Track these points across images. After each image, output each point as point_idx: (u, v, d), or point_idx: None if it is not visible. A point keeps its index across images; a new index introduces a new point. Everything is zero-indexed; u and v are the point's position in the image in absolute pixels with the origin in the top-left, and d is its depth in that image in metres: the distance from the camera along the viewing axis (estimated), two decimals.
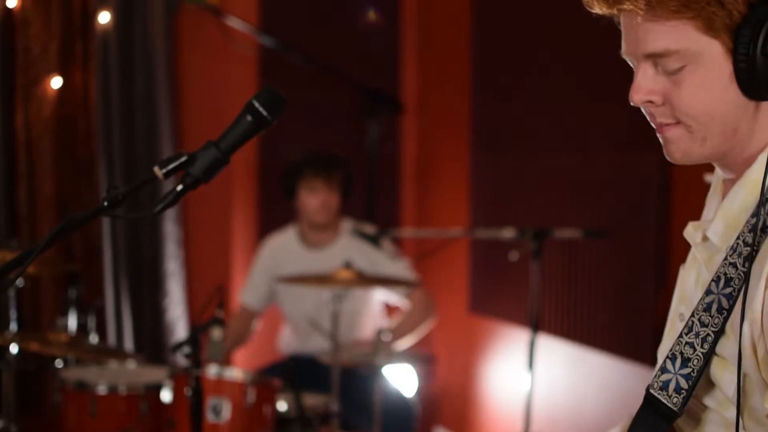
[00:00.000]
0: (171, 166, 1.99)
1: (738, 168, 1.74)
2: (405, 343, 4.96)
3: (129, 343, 5.87)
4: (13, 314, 4.93)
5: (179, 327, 5.87)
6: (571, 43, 4.83)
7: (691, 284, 1.82)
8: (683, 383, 1.69)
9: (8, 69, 5.64)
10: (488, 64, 5.53)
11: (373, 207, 5.71)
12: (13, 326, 4.92)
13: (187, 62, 5.91)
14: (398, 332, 4.90)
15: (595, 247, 4.60)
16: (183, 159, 1.99)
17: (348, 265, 4.23)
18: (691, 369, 1.68)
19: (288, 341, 5.27)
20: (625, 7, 1.68)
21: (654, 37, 1.66)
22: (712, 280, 1.68)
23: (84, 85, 5.82)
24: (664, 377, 1.71)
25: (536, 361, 4.32)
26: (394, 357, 4.42)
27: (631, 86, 1.74)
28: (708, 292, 1.68)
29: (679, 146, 1.72)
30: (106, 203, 1.95)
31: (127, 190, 1.98)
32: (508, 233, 4.36)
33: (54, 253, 5.34)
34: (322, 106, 6.00)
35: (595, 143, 4.63)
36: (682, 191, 4.26)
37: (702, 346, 1.67)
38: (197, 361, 3.65)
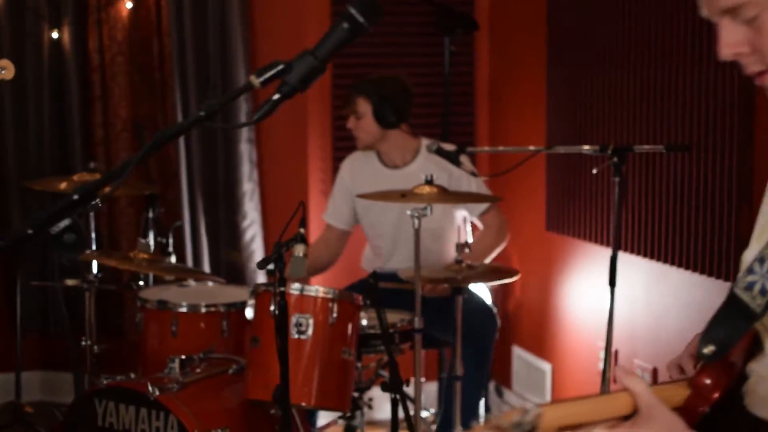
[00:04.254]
0: (268, 74, 1.98)
1: None
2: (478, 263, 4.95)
3: (206, 265, 5.91)
4: (92, 235, 4.99)
5: (256, 248, 5.90)
6: None
7: None
8: None
9: None
10: None
11: (448, 126, 5.67)
12: (93, 246, 4.97)
13: None
14: (472, 255, 4.88)
15: (677, 163, 4.55)
16: (280, 67, 1.98)
17: (429, 181, 4.20)
18: None
19: (370, 260, 5.28)
20: None
21: None
22: None
23: (157, 7, 5.82)
24: (750, 278, 1.72)
25: (617, 278, 4.27)
26: (475, 275, 4.40)
27: (718, 43, 1.75)
28: None
29: None
30: (203, 113, 1.94)
31: (225, 100, 1.98)
32: (588, 149, 4.30)
33: (131, 176, 5.38)
34: (397, 23, 5.97)
35: (676, 57, 4.55)
36: (766, 106, 4.19)
37: None
38: (282, 278, 3.65)
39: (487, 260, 5.03)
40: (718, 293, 4.38)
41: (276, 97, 1.99)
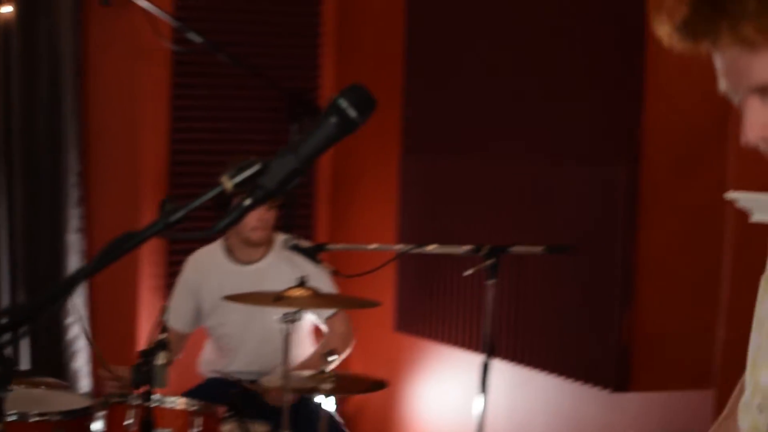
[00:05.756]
0: (242, 176, 1.69)
1: None
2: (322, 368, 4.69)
3: (25, 364, 5.47)
4: None
5: (79, 347, 5.50)
6: (530, 36, 4.67)
7: None
8: None
9: None
10: (425, 61, 5.33)
11: (289, 219, 5.40)
12: None
13: (97, 62, 5.55)
14: (313, 361, 4.62)
15: (549, 264, 4.42)
16: (256, 168, 1.68)
17: (302, 284, 3.91)
18: None
19: (210, 362, 4.92)
20: (712, 44, 1.47)
21: (759, 67, 1.46)
22: None
23: None
24: None
25: (486, 385, 4.07)
26: (336, 382, 4.13)
27: (743, 124, 1.50)
28: None
29: None
30: (167, 221, 1.64)
31: (191, 206, 1.68)
32: (460, 249, 4.11)
33: None
34: (243, 108, 5.75)
35: (557, 154, 4.45)
36: (650, 206, 4.11)
37: None
38: (149, 390, 3.32)
39: (330, 367, 4.76)
40: (591, 401, 4.29)
41: (248, 203, 1.70)
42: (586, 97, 4.33)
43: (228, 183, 1.68)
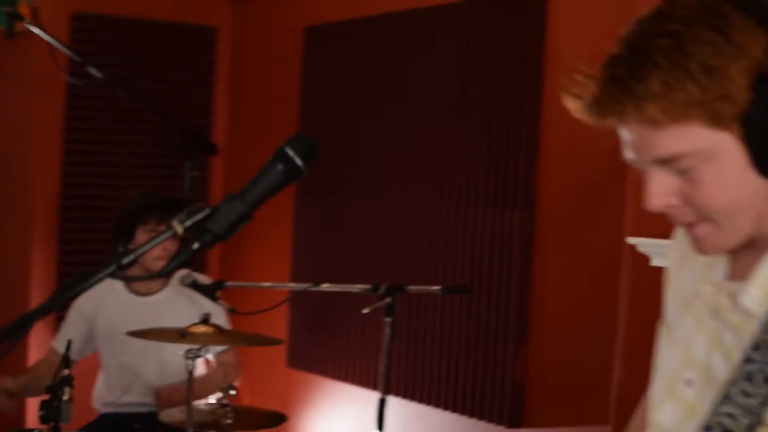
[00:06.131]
0: (192, 220, 1.73)
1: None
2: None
3: None
4: None
5: None
6: (428, 85, 4.76)
7: (701, 348, 1.73)
8: None
9: None
10: (320, 103, 5.40)
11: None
12: None
13: None
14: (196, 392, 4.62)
15: (449, 303, 4.51)
16: (205, 213, 1.73)
17: (205, 321, 3.93)
18: None
19: (102, 393, 4.88)
20: (618, 121, 1.59)
21: (662, 142, 1.57)
22: (752, 348, 1.60)
23: None
24: (727, 409, 1.60)
25: (383, 421, 4.13)
26: (245, 421, 4.15)
27: (646, 193, 1.62)
28: (748, 360, 1.59)
29: (710, 242, 1.65)
30: (117, 265, 1.70)
31: (142, 250, 1.73)
32: (357, 288, 4.18)
33: None
34: (138, 144, 5.74)
35: (456, 197, 4.55)
36: (545, 249, 4.22)
37: (746, 417, 1.58)
38: (57, 426, 3.30)
39: (211, 399, 4.77)
40: None
41: (196, 246, 1.74)
42: (485, 144, 4.44)
43: (179, 227, 1.72)
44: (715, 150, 1.56)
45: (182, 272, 4.69)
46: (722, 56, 1.52)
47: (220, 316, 4.69)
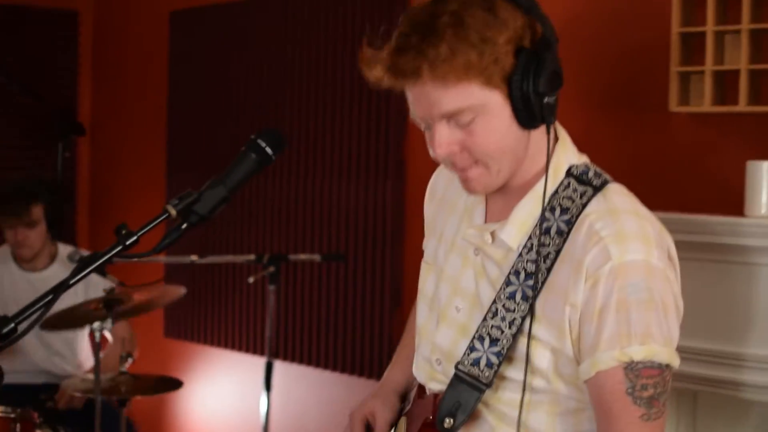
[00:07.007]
0: (183, 204, 2.00)
1: (523, 185, 2.03)
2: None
3: None
4: None
5: None
6: (293, 64, 4.99)
7: (469, 280, 2.08)
8: (494, 359, 1.97)
9: None
10: (188, 81, 5.60)
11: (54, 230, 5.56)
12: None
13: None
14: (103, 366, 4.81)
15: (329, 270, 4.78)
16: (193, 197, 2.01)
17: (111, 293, 4.15)
18: (500, 348, 1.96)
19: None
20: (414, 81, 1.93)
21: (446, 100, 1.92)
22: (510, 273, 1.97)
23: None
24: (474, 355, 1.99)
25: (270, 384, 4.37)
26: (141, 387, 4.37)
27: (431, 143, 1.98)
28: (508, 283, 1.97)
29: (480, 182, 2.00)
30: (123, 244, 1.97)
31: (144, 230, 2.00)
32: (242, 258, 4.44)
33: None
34: (10, 125, 5.86)
35: (332, 171, 4.82)
36: (414, 217, 4.52)
37: (510, 328, 1.95)
38: None
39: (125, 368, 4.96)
40: (361, 390, 4.67)
41: (184, 226, 2.01)
42: (357, 120, 4.71)
43: (172, 210, 1.99)
44: (489, 105, 1.91)
45: (70, 249, 4.87)
46: (493, 29, 1.87)
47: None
